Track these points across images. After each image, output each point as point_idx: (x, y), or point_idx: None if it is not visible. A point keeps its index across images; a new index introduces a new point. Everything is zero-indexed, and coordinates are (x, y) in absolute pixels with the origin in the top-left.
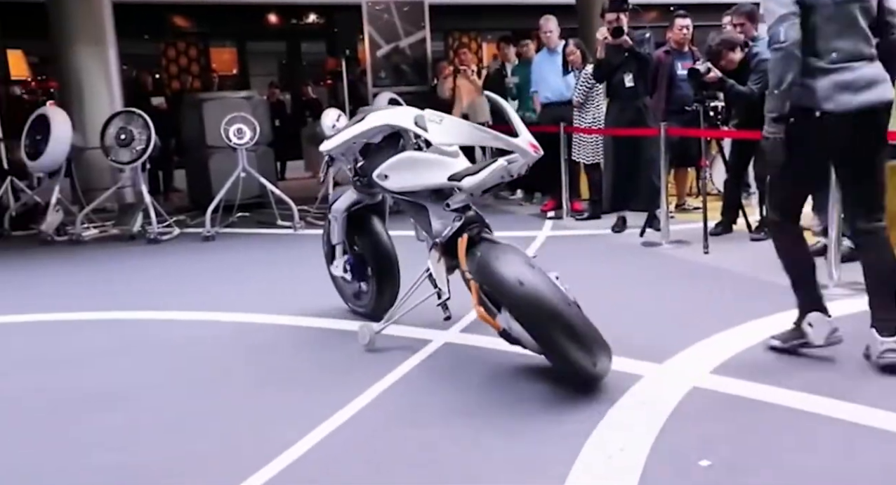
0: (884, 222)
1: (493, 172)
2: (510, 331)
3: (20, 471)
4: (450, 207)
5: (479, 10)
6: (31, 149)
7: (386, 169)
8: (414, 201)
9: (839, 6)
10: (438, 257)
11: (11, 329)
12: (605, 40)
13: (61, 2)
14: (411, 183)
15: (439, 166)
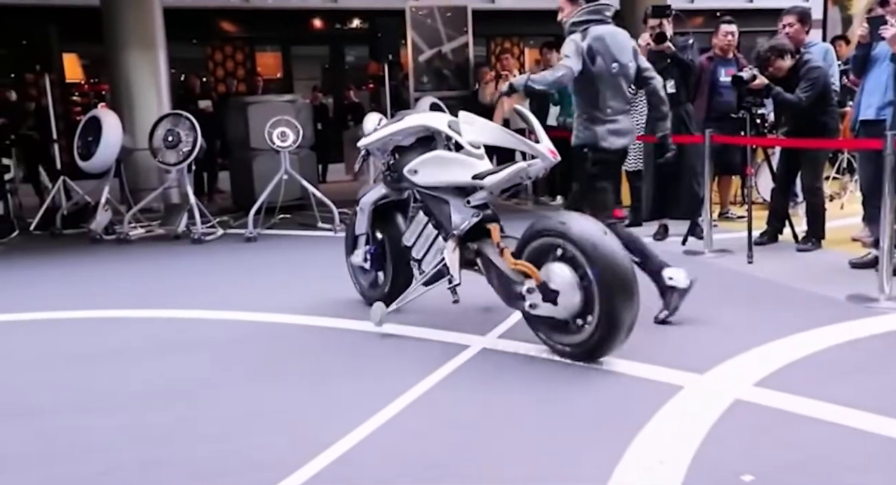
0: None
1: (513, 172)
2: (550, 282)
3: (68, 465)
4: (470, 204)
5: (522, 16)
6: (84, 150)
7: (417, 165)
8: (438, 196)
9: (614, 77)
10: (454, 247)
11: (62, 325)
12: (648, 46)
13: (115, 7)
14: (438, 179)
15: (465, 166)
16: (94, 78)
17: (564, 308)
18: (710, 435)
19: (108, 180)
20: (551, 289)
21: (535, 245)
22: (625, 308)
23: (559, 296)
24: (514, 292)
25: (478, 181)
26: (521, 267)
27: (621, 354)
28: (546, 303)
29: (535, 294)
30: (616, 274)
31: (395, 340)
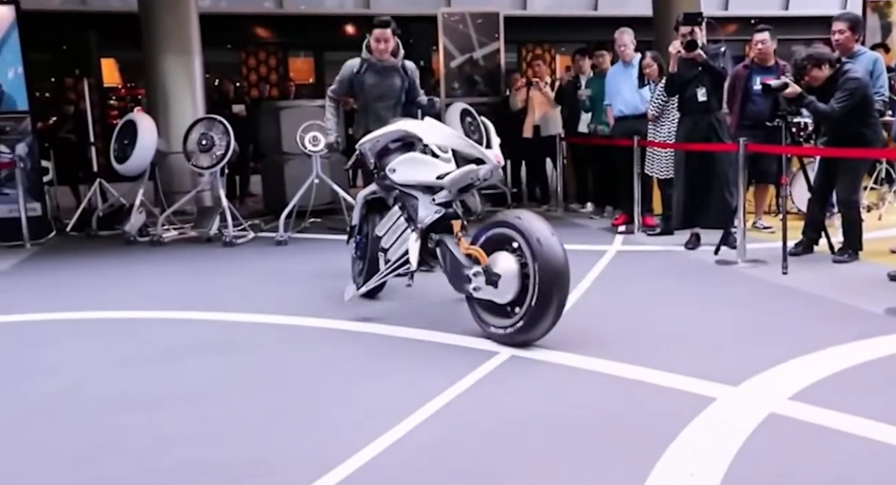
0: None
1: (464, 173)
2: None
3: (106, 465)
4: (435, 202)
5: (553, 22)
6: (120, 153)
7: (395, 164)
8: (410, 193)
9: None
10: (416, 238)
11: (98, 325)
12: (678, 54)
13: (153, 13)
14: (410, 178)
15: (432, 167)
16: (131, 82)
17: (503, 293)
18: (743, 449)
19: (143, 183)
20: (494, 272)
21: (490, 235)
22: (553, 303)
23: (500, 280)
24: (462, 275)
25: (439, 181)
26: (472, 251)
27: (654, 364)
28: (488, 286)
29: (480, 277)
30: (553, 270)
31: (426, 345)
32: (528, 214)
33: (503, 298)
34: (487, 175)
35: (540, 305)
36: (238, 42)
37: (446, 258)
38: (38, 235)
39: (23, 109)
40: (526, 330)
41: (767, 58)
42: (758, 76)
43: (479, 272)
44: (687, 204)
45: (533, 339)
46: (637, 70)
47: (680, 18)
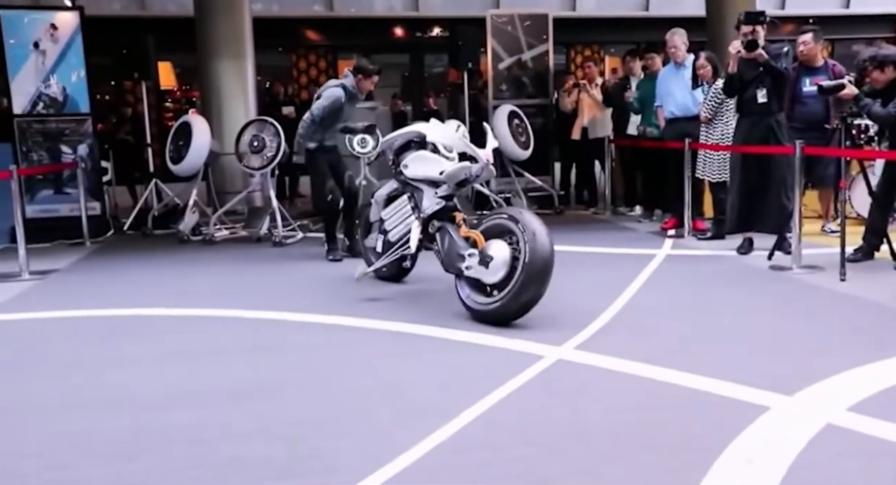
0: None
1: (458, 168)
2: (488, 250)
3: (157, 458)
4: (437, 195)
5: (603, 23)
6: (175, 154)
7: (407, 160)
8: (417, 186)
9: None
10: (418, 225)
11: (152, 322)
12: (739, 54)
13: (208, 17)
14: (419, 173)
15: (437, 164)
16: (186, 85)
17: (491, 274)
18: (798, 460)
19: (196, 183)
20: (488, 255)
21: (491, 224)
22: (532, 292)
23: (492, 262)
24: (457, 254)
25: (441, 176)
26: (472, 234)
27: (705, 371)
28: (480, 266)
29: (474, 258)
30: (540, 264)
31: (472, 348)
32: (528, 212)
33: (490, 279)
34: (479, 172)
35: (519, 293)
36: (289, 45)
37: (445, 241)
38: (97, 234)
39: (85, 112)
40: (499, 311)
41: (812, 59)
42: (806, 78)
43: (473, 253)
44: (742, 207)
45: (502, 320)
46: (690, 71)
47: (741, 17)
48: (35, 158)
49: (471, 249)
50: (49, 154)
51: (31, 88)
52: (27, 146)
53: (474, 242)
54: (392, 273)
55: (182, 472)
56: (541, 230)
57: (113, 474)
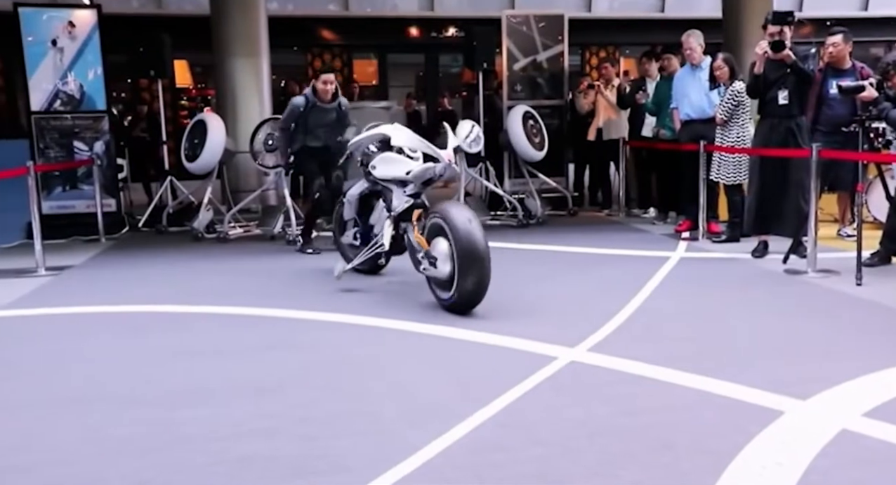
0: None
1: (423, 168)
2: (432, 251)
3: (175, 454)
4: (406, 193)
5: (618, 25)
6: (190, 152)
7: (375, 162)
8: (387, 186)
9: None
10: (390, 224)
11: (166, 319)
12: (765, 55)
13: (224, 16)
14: (387, 173)
15: (403, 164)
16: (201, 83)
17: (441, 271)
18: (813, 465)
19: (211, 181)
20: (433, 255)
21: (430, 224)
22: (474, 277)
23: (437, 262)
24: (416, 258)
25: (408, 176)
26: (418, 238)
27: (719, 374)
28: (431, 266)
29: (426, 260)
30: (468, 247)
31: (485, 348)
32: (454, 204)
33: (442, 275)
34: (442, 171)
35: (463, 281)
36: (304, 44)
37: (408, 243)
38: (113, 230)
39: (101, 109)
40: (458, 302)
41: (841, 61)
42: (833, 80)
43: (423, 256)
44: (759, 210)
45: (464, 309)
46: (706, 73)
47: (769, 18)
48: (52, 155)
49: (423, 251)
50: (65, 151)
51: (48, 86)
52: (44, 143)
53: (422, 245)
54: (370, 267)
55: (194, 469)
56: (463, 219)
57: (126, 470)
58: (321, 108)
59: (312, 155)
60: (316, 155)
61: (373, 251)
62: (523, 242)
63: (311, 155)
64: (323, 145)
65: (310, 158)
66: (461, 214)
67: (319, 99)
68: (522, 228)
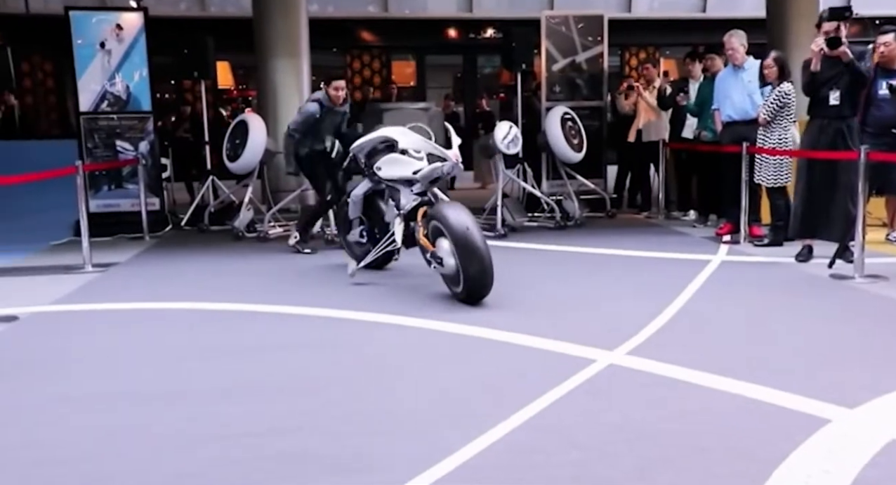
0: None
1: (431, 168)
2: (437, 252)
3: (214, 449)
4: (413, 192)
5: (658, 25)
6: (231, 152)
7: (381, 163)
8: (394, 185)
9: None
10: (400, 222)
11: (204, 317)
12: (821, 51)
13: (266, 18)
14: (394, 173)
15: (409, 164)
16: (243, 84)
17: (448, 267)
18: (862, 476)
19: (252, 181)
20: (438, 256)
21: (431, 227)
22: (475, 266)
23: (443, 260)
24: (425, 257)
25: (414, 175)
26: (423, 241)
27: (762, 380)
28: (438, 265)
29: (433, 260)
30: (462, 238)
31: (521, 350)
32: (446, 203)
33: (450, 271)
34: (449, 170)
35: (467, 272)
36: (343, 45)
37: (416, 242)
38: (156, 229)
39: (146, 110)
40: (469, 293)
41: (892, 61)
42: (882, 80)
43: (430, 256)
44: (805, 213)
45: (474, 300)
46: (749, 74)
47: (824, 14)
48: (98, 155)
49: (428, 252)
50: (111, 151)
51: (96, 87)
52: (92, 143)
53: (426, 247)
54: (378, 263)
55: (235, 465)
56: (455, 216)
57: (169, 465)
58: (333, 112)
59: (320, 158)
60: (323, 158)
61: (385, 248)
62: (561, 243)
63: (319, 158)
64: (328, 149)
65: (318, 162)
66: (454, 213)
67: (333, 104)
68: (560, 230)
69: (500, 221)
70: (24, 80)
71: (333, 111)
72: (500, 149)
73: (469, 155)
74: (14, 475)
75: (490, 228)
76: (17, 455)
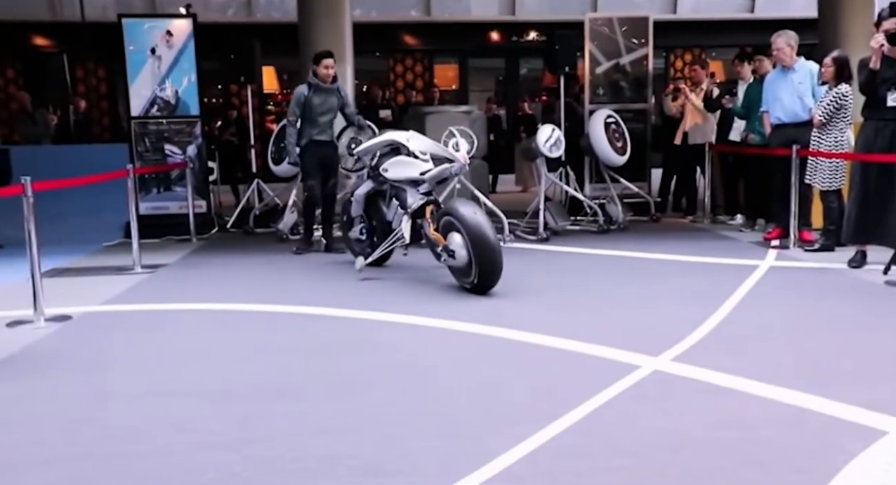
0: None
1: (440, 170)
2: (449, 245)
3: (259, 449)
4: (419, 191)
5: (705, 26)
6: (276, 155)
7: (388, 165)
8: (400, 186)
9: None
10: (407, 219)
11: (249, 317)
12: (881, 48)
13: (311, 22)
14: (400, 174)
15: (416, 166)
16: (287, 88)
17: (460, 260)
18: None
19: (296, 184)
20: (450, 249)
21: (443, 221)
22: (491, 264)
23: (455, 253)
24: (435, 251)
25: (422, 176)
26: (434, 236)
27: (813, 389)
28: (450, 258)
29: (444, 252)
30: (483, 241)
31: (564, 354)
32: (461, 202)
33: (461, 263)
34: (457, 171)
35: (480, 264)
36: (386, 49)
37: (425, 237)
38: (203, 231)
39: (194, 114)
40: (481, 282)
41: None
42: None
43: (442, 250)
44: (860, 217)
45: (484, 289)
46: (799, 74)
47: (884, 13)
48: (148, 158)
49: (440, 246)
50: (160, 154)
51: (146, 92)
52: (142, 146)
53: (438, 240)
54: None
55: (281, 464)
56: (469, 212)
57: (217, 463)
58: (322, 90)
59: (318, 150)
60: (321, 150)
61: (392, 244)
62: (604, 248)
63: (317, 150)
64: (328, 140)
65: (314, 153)
66: (468, 209)
67: (321, 81)
68: (603, 234)
69: (542, 225)
70: (78, 86)
71: (325, 90)
72: (542, 152)
73: (510, 158)
74: (59, 471)
75: (532, 232)
76: (61, 452)
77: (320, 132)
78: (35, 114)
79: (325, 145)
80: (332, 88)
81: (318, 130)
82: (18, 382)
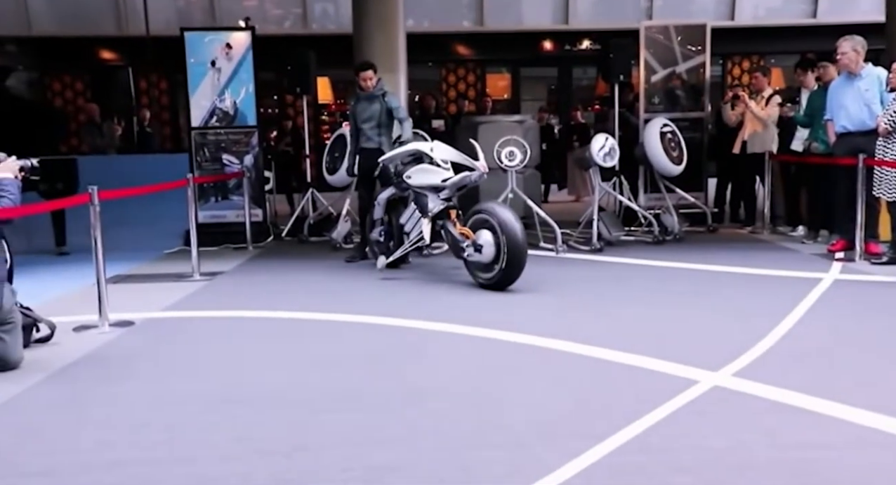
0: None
1: (460, 178)
2: (477, 240)
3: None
4: (440, 197)
5: (764, 33)
6: (331, 165)
7: (411, 172)
8: (422, 192)
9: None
10: (428, 222)
11: (305, 326)
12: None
13: (365, 34)
14: (423, 181)
15: (438, 173)
16: (341, 98)
17: (486, 256)
18: None
19: (350, 193)
20: (479, 244)
21: (475, 218)
22: (517, 262)
23: (483, 248)
24: (459, 247)
25: (443, 183)
26: (464, 231)
27: (882, 409)
28: (476, 252)
29: (471, 248)
30: (515, 240)
31: (621, 368)
32: (498, 205)
33: (486, 259)
34: (477, 178)
35: (510, 263)
36: (439, 59)
37: (448, 236)
38: (259, 239)
39: (252, 124)
40: (501, 279)
41: None
42: None
43: (469, 245)
44: None
45: (503, 285)
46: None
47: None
48: (207, 168)
49: (467, 241)
50: (218, 164)
51: (206, 103)
52: (202, 156)
53: (467, 235)
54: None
55: (334, 473)
56: (509, 216)
57: (273, 471)
58: (365, 97)
59: (364, 158)
60: (368, 158)
61: (413, 245)
62: (659, 259)
63: (363, 158)
64: (375, 148)
65: (361, 162)
66: (505, 212)
67: (363, 90)
68: (658, 245)
69: (595, 235)
70: (142, 98)
71: (367, 97)
72: (596, 161)
73: (563, 167)
74: (124, 474)
75: (585, 242)
76: (121, 456)
77: (367, 140)
78: (102, 125)
79: (371, 152)
80: (374, 95)
81: (365, 138)
82: (85, 385)
